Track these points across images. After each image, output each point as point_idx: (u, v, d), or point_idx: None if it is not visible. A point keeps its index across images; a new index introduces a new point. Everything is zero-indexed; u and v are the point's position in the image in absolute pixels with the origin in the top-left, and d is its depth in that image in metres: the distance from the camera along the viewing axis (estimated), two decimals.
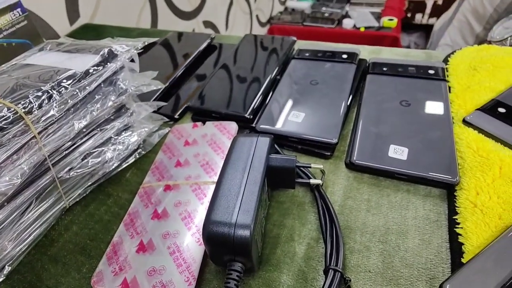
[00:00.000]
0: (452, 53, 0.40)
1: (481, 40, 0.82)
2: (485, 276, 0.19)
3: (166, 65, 0.45)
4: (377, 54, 0.45)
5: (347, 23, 1.55)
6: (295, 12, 1.78)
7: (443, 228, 0.24)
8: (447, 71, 0.37)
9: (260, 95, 0.36)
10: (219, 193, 0.22)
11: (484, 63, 0.37)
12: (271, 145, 0.26)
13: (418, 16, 2.14)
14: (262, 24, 1.61)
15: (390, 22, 1.52)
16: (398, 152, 0.28)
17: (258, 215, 0.21)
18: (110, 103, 0.29)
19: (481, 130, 0.29)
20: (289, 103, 0.35)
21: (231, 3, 1.26)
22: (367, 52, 0.45)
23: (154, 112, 0.36)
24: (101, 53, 0.28)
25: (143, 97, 0.38)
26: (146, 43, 0.31)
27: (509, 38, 0.47)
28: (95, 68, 0.27)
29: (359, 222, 0.25)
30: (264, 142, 0.25)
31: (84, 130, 0.28)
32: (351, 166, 0.29)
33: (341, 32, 1.53)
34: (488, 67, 0.36)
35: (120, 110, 0.31)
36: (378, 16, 1.61)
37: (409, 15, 2.17)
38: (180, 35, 0.52)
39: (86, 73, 0.26)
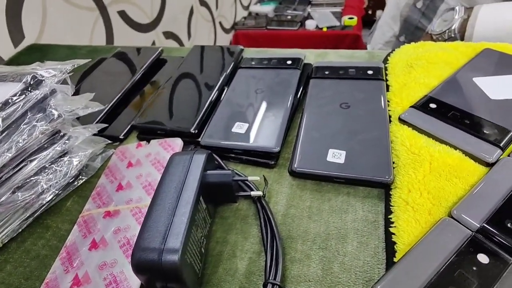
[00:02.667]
0: (392, 51, 0.42)
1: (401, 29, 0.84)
2: (412, 276, 0.19)
3: (112, 83, 0.43)
4: (323, 57, 0.46)
5: (310, 24, 1.57)
6: (259, 16, 1.79)
7: (380, 228, 0.24)
8: (386, 70, 0.38)
9: (206, 108, 0.36)
10: (149, 216, 0.21)
11: (420, 60, 0.38)
12: (208, 160, 0.26)
13: (379, 13, 2.21)
14: (226, 31, 1.61)
15: (351, 20, 1.56)
16: (336, 156, 0.28)
17: (190, 237, 0.21)
18: (39, 131, 0.27)
19: (415, 127, 0.30)
20: (234, 114, 0.34)
21: (191, 12, 1.25)
22: (313, 56, 0.46)
23: (97, 134, 0.35)
24: (23, 80, 0.27)
25: (86, 120, 0.37)
26: (76, 65, 0.30)
27: (447, 31, 0.49)
28: (18, 97, 0.26)
29: (301, 230, 0.25)
30: (199, 158, 0.25)
31: (11, 162, 0.26)
32: (293, 173, 0.29)
33: (304, 33, 1.56)
34: (423, 64, 0.38)
35: (54, 136, 0.30)
36: (339, 16, 1.65)
37: (370, 12, 2.24)
38: (127, 51, 0.51)
39: (6, 103, 0.25)
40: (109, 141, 0.34)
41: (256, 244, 0.25)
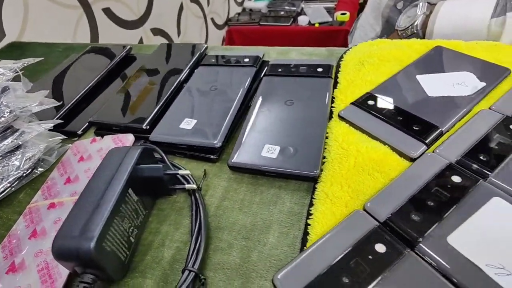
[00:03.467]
0: (349, 49, 0.42)
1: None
2: (311, 264, 0.21)
3: (78, 80, 0.45)
4: (285, 55, 0.47)
5: (302, 20, 1.57)
6: (252, 12, 1.80)
7: (303, 220, 0.26)
8: (339, 67, 0.39)
9: (161, 105, 0.37)
10: (75, 206, 0.23)
11: (371, 58, 0.39)
12: (145, 155, 0.27)
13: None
14: (219, 27, 1.62)
15: (343, 16, 1.56)
16: (270, 151, 0.29)
17: (112, 226, 0.22)
18: None
19: (351, 124, 0.31)
20: (184, 110, 0.36)
21: (181, 8, 1.26)
22: (275, 54, 0.47)
23: (57, 130, 0.36)
24: None
25: (48, 116, 0.38)
26: (26, 64, 0.32)
27: (410, 27, 0.49)
28: None
29: (230, 221, 0.27)
30: (133, 153, 0.26)
31: None
32: (230, 167, 0.30)
33: (297, 29, 1.56)
34: (374, 61, 0.38)
35: (5, 132, 0.31)
36: (332, 11, 1.64)
37: None
38: (97, 48, 0.52)
39: None
40: (64, 137, 0.36)
41: (185, 235, 0.26)
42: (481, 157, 0.25)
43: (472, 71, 0.34)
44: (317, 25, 1.55)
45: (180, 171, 0.28)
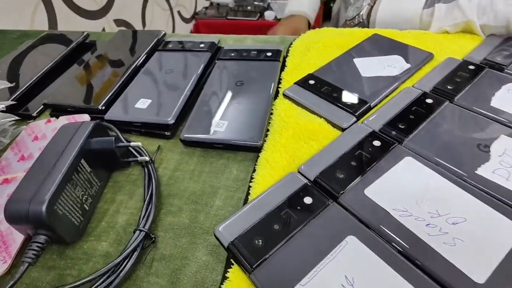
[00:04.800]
0: (298, 37, 0.45)
1: None
2: (247, 217, 0.23)
3: (34, 65, 0.45)
4: (241, 42, 0.49)
5: (269, 15, 1.61)
6: (220, 6, 1.80)
7: (247, 184, 0.28)
8: (288, 52, 0.42)
9: (117, 87, 0.38)
10: (27, 175, 0.24)
11: (317, 44, 0.42)
12: (97, 131, 0.29)
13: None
14: (186, 20, 1.62)
15: None
16: (219, 126, 0.31)
17: (64, 192, 0.24)
18: None
19: (293, 101, 0.34)
20: (140, 92, 0.37)
21: (146, 0, 1.25)
22: (232, 41, 0.49)
23: (12, 112, 0.36)
24: None
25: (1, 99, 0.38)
26: None
27: (356, 17, 0.53)
28: None
29: (181, 189, 0.29)
30: (85, 127, 0.28)
31: None
32: (182, 141, 0.32)
33: (263, 23, 1.59)
34: (319, 47, 0.42)
35: None
36: None
37: (332, 4, 2.29)
38: (55, 35, 0.52)
39: None
40: (17, 118, 0.36)
41: (139, 202, 0.28)
42: (400, 126, 0.29)
43: (401, 55, 0.38)
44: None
45: (131, 143, 0.29)
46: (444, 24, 0.41)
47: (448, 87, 0.33)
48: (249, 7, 1.71)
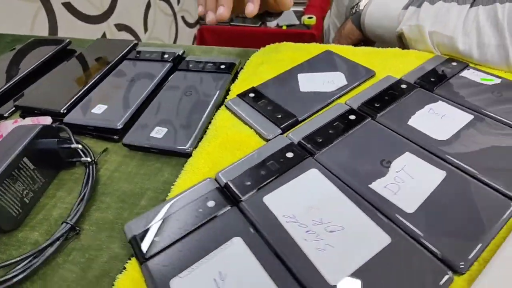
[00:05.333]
0: (258, 50, 0.48)
1: None
2: (153, 217, 0.26)
3: (13, 70, 0.49)
4: (208, 53, 0.52)
5: (270, 23, 1.63)
6: None
7: (172, 188, 0.31)
8: (243, 65, 0.45)
9: (82, 93, 0.42)
10: None
11: (271, 58, 0.45)
12: (44, 132, 0.32)
13: None
14: (190, 25, 1.67)
15: (310, 20, 1.63)
16: (158, 132, 0.35)
17: (2, 186, 0.27)
18: None
19: (231, 111, 0.37)
20: (99, 98, 0.41)
21: (148, 5, 1.30)
22: (200, 52, 0.52)
23: None
24: None
25: None
26: None
27: (355, 6, 0.55)
28: None
29: (114, 189, 0.32)
30: (33, 129, 0.31)
31: None
32: (124, 145, 0.35)
33: (264, 31, 1.62)
34: (272, 61, 0.44)
35: None
36: (300, 15, 1.71)
37: None
38: (39, 41, 0.56)
39: None
40: None
41: (75, 198, 0.31)
42: (317, 139, 0.31)
43: (344, 71, 0.40)
44: (284, 27, 1.62)
45: (72, 145, 0.33)
46: (403, 25, 0.42)
47: (375, 104, 0.35)
48: None
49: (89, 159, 0.33)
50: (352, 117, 0.33)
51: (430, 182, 0.26)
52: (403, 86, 0.37)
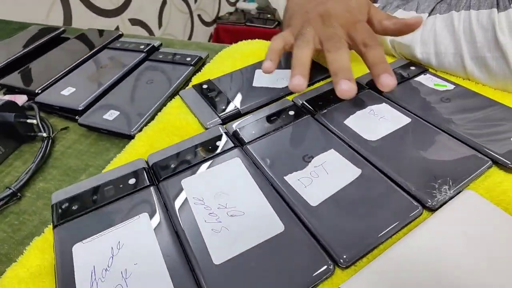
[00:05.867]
0: (229, 46, 0.50)
1: None
2: (80, 188, 0.28)
3: (8, 53, 0.54)
4: (187, 46, 0.54)
5: None
6: (243, 12, 1.88)
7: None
8: (210, 58, 0.46)
9: (59, 76, 0.46)
10: None
11: (237, 53, 0.46)
12: (11, 108, 0.35)
13: None
14: (206, 24, 1.71)
15: None
16: (111, 115, 0.37)
17: None
18: None
19: (183, 100, 0.39)
20: (71, 82, 0.44)
21: (164, 2, 1.35)
22: (180, 45, 0.55)
23: None
24: None
25: None
26: None
27: None
28: None
29: (63, 163, 0.35)
30: None
31: None
32: (79, 125, 0.38)
33: (278, 32, 1.63)
34: (237, 57, 0.46)
35: None
36: None
37: None
38: (38, 29, 0.61)
39: None
40: None
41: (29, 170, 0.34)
42: (251, 131, 0.32)
43: None
44: None
45: (28, 120, 0.36)
46: None
47: (319, 103, 0.35)
48: (268, 15, 1.76)
49: (44, 134, 0.36)
50: (291, 112, 0.34)
51: (343, 179, 0.27)
52: None
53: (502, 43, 0.32)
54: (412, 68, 0.39)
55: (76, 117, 0.40)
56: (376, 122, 0.32)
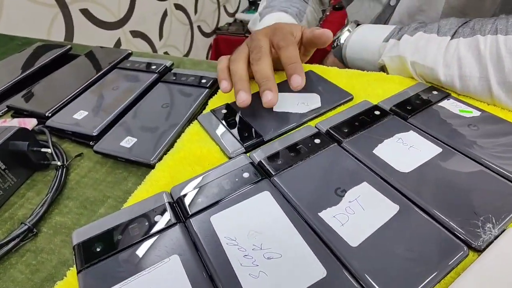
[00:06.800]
0: None
1: None
2: (102, 226, 0.27)
3: (14, 72, 0.52)
4: (196, 65, 0.53)
5: None
6: (242, 23, 1.88)
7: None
8: None
9: (68, 98, 0.44)
10: None
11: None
12: (19, 134, 0.34)
13: None
14: (206, 35, 1.71)
15: None
16: (128, 142, 0.36)
17: None
18: None
19: (201, 126, 0.37)
20: (83, 105, 0.42)
21: (165, 14, 1.35)
22: (190, 64, 0.54)
23: None
24: None
25: None
26: None
27: (336, 40, 0.55)
28: None
29: (80, 194, 0.33)
30: (8, 131, 0.33)
31: None
32: (95, 152, 0.36)
33: None
34: None
35: None
36: None
37: None
38: (44, 45, 0.59)
39: None
40: None
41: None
42: (277, 161, 0.31)
43: (321, 93, 0.40)
44: None
45: (42, 149, 0.34)
46: (384, 56, 0.42)
47: (344, 129, 0.34)
48: None
49: (59, 163, 0.34)
50: (317, 140, 0.33)
51: (381, 215, 0.26)
52: (377, 112, 0.36)
53: None
54: (435, 92, 0.38)
55: (91, 142, 0.38)
56: (406, 152, 0.31)
